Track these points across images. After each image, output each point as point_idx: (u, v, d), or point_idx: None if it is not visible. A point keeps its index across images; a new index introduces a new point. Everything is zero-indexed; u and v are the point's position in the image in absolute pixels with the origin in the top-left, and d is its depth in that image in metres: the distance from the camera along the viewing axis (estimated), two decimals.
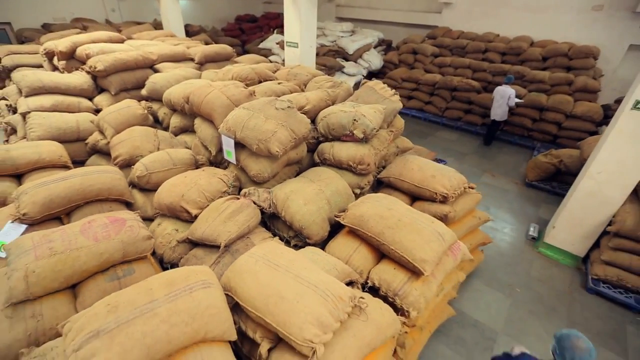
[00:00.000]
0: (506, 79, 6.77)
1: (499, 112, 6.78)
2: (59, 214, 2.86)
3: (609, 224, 3.68)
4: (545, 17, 8.73)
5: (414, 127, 8.26)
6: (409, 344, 2.54)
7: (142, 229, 2.49)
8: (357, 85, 9.44)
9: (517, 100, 6.77)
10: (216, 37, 10.80)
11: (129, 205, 3.28)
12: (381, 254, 2.63)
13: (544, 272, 4.04)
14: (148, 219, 3.26)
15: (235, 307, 2.18)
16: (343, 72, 9.05)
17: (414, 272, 2.36)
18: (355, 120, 3.31)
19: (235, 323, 2.09)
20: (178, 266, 2.78)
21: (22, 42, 9.26)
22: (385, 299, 2.42)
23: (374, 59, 9.70)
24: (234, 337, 1.92)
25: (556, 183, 5.65)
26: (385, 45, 10.95)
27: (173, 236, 2.92)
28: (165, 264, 2.92)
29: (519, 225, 4.86)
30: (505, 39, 8.98)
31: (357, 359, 1.87)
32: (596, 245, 3.96)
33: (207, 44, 8.97)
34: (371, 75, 10.09)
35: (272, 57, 9.45)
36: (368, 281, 2.53)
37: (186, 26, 9.90)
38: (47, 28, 9.85)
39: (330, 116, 3.48)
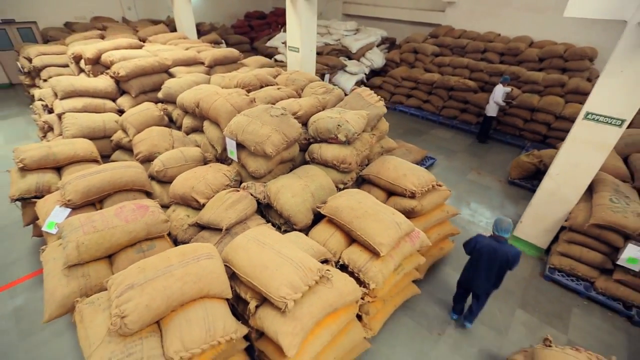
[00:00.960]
0: (502, 79, 7.19)
1: (490, 110, 7.27)
2: (94, 201, 3.57)
3: (566, 220, 4.18)
4: (545, 18, 8.97)
5: (412, 125, 8.74)
6: (372, 311, 3.17)
7: (161, 214, 3.17)
8: (358, 83, 9.93)
9: (510, 101, 7.22)
10: (226, 35, 11.38)
11: (149, 194, 3.98)
12: (351, 238, 3.24)
13: None
14: (165, 206, 3.94)
15: (233, 277, 2.84)
16: (345, 71, 9.53)
17: (375, 253, 2.97)
18: (339, 125, 3.89)
19: (232, 288, 2.76)
20: None
21: (46, 41, 10.06)
22: (352, 274, 3.04)
23: (377, 58, 10.12)
24: (229, 295, 2.58)
25: (537, 182, 6.08)
26: (388, 43, 11.32)
27: (185, 220, 3.60)
28: (178, 243, 3.61)
29: (492, 219, 5.37)
30: (505, 39, 9.29)
31: (320, 315, 2.50)
32: (556, 238, 4.47)
33: (217, 43, 9.59)
34: (374, 73, 10.53)
35: (277, 56, 10.01)
36: (340, 260, 3.15)
37: (198, 25, 10.50)
38: (69, 27, 10.60)
39: (318, 121, 4.07)
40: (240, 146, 3.91)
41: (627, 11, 3.25)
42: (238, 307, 2.94)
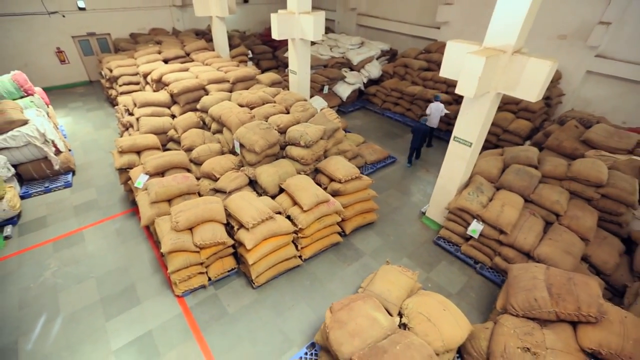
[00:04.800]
0: (436, 98, 9.36)
1: (434, 121, 9.48)
2: (160, 172, 6.67)
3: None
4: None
5: (392, 129, 11.16)
6: (303, 243, 5.95)
7: (195, 181, 6.19)
8: (355, 92, 12.44)
9: (446, 111, 9.43)
10: (252, 45, 14.32)
11: (189, 170, 7.04)
12: (294, 201, 6.03)
13: (415, 232, 7.11)
14: (197, 178, 6.98)
15: (229, 216, 5.77)
16: (344, 82, 12.09)
17: (302, 209, 5.74)
18: (301, 136, 6.65)
19: (228, 221, 5.69)
20: None
21: (117, 50, 13.63)
22: (292, 220, 5.84)
23: (374, 70, 12.54)
24: (224, 221, 5.52)
25: None
26: (389, 55, 13.62)
27: (207, 187, 6.60)
28: None
29: (421, 205, 7.85)
30: None
31: (267, 234, 5.33)
32: None
33: (244, 55, 12.53)
34: (372, 82, 12.96)
35: None
36: (287, 212, 5.97)
37: (230, 38, 13.49)
38: (133, 37, 14.12)
39: (290, 132, 6.85)
40: (242, 145, 6.80)
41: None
42: (231, 232, 5.88)
